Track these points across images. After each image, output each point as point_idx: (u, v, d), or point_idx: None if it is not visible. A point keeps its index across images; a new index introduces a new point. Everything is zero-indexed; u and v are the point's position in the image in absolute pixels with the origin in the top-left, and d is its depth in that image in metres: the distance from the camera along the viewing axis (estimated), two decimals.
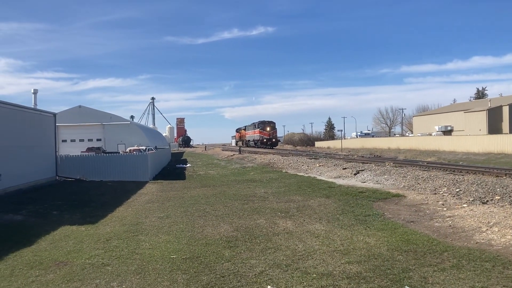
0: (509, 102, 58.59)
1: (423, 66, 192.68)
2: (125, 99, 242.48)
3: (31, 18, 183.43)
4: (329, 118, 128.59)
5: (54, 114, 25.94)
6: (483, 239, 9.07)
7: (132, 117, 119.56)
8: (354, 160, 31.59)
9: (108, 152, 35.42)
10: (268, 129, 61.92)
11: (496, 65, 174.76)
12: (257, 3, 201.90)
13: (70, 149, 43.10)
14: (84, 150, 38.36)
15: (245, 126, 75.88)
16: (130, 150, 37.46)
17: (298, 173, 25.94)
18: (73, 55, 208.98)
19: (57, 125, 28.36)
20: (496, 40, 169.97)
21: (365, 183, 19.59)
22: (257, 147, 61.72)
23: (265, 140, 61.47)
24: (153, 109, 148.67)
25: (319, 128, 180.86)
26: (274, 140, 62.91)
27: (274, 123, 63.77)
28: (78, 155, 27.59)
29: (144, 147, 39.67)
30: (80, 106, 52.47)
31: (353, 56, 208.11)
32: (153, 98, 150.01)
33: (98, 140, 51.74)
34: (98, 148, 41.00)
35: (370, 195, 15.44)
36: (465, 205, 12.73)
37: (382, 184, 18.98)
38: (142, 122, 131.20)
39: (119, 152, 36.98)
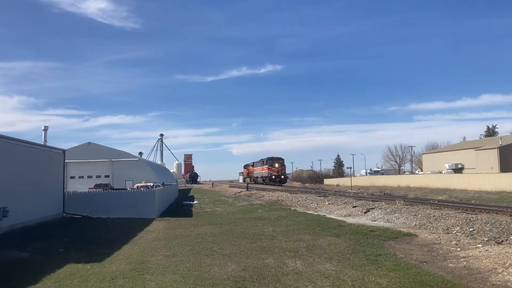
0: None
1: (431, 103, 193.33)
2: (134, 136, 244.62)
3: (45, 57, 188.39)
4: (338, 155, 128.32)
5: (64, 151, 26.15)
6: (499, 281, 8.74)
7: (140, 153, 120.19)
8: (364, 198, 31.20)
9: (116, 189, 35.42)
10: (276, 165, 61.46)
11: (506, 103, 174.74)
12: (265, 42, 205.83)
13: (78, 185, 43.33)
14: (92, 187, 38.46)
15: (253, 163, 75.58)
16: (137, 186, 37.44)
17: (307, 211, 25.59)
18: (85, 93, 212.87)
19: (66, 162, 28.54)
20: (505, 78, 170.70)
21: (375, 222, 19.23)
22: (266, 184, 61.09)
23: (273, 176, 60.90)
24: (162, 145, 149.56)
25: (328, 165, 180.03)
26: (283, 176, 62.28)
27: (283, 159, 63.41)
28: (85, 192, 27.61)
29: (151, 184, 39.69)
30: (89, 143, 53.07)
31: (361, 94, 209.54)
32: (161, 135, 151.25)
33: (106, 176, 51.96)
34: (106, 185, 41.10)
35: (381, 234, 15.11)
36: (479, 245, 12.37)
37: (393, 222, 18.62)
38: (151, 159, 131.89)
39: (126, 189, 37.00)
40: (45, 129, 34.17)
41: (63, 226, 20.41)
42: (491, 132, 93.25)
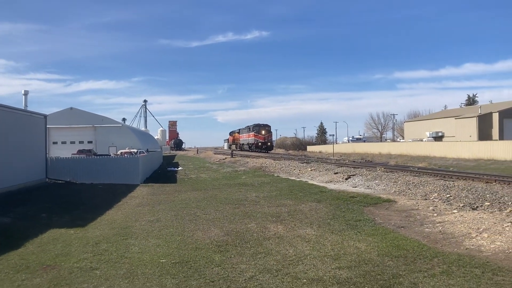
0: (499, 109, 59.20)
1: (415, 72, 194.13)
2: (117, 102, 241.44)
3: (24, 19, 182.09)
4: (321, 123, 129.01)
5: (45, 116, 25.73)
6: (473, 245, 9.10)
7: (124, 119, 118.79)
8: (345, 165, 31.66)
9: (99, 155, 35.16)
10: (263, 132, 60.88)
11: (487, 72, 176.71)
12: (252, 7, 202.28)
13: (61, 151, 42.78)
14: (75, 152, 38.07)
15: (239, 129, 75.02)
16: (121, 152, 37.22)
17: (290, 177, 25.93)
18: (66, 57, 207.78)
19: (48, 127, 28.14)
20: (488, 47, 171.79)
21: (356, 188, 19.63)
22: (251, 151, 61.01)
23: (260, 144, 60.53)
24: (146, 111, 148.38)
25: (311, 132, 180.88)
26: (269, 144, 61.78)
27: (270, 126, 62.87)
28: (68, 157, 27.37)
29: (135, 150, 39.49)
30: (71, 108, 52.18)
31: (346, 61, 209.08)
32: (145, 101, 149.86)
33: (89, 142, 51.46)
34: (89, 151, 40.70)
35: (361, 200, 15.47)
36: (455, 211, 12.78)
37: (373, 189, 19.02)
38: (134, 125, 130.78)
39: (110, 155, 36.74)
40: (26, 93, 33.39)
41: (46, 191, 20.34)
42: (471, 101, 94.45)
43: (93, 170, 25.00)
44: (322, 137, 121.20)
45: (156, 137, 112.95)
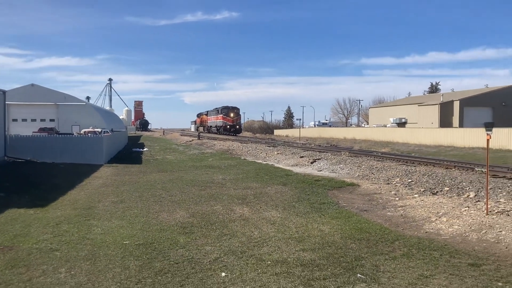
0: (459, 97, 61.05)
1: (382, 59, 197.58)
2: (81, 79, 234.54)
3: None
4: (289, 107, 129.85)
5: (4, 92, 24.60)
6: (432, 229, 9.42)
7: (88, 98, 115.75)
8: (311, 149, 32.02)
9: (62, 133, 34.13)
10: (232, 115, 60.09)
11: (450, 61, 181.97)
12: None
13: (21, 128, 41.28)
14: (36, 131, 36.83)
15: (207, 111, 73.96)
16: (85, 132, 36.25)
17: (257, 161, 26.02)
18: (28, 31, 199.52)
19: (7, 103, 27.01)
20: (451, 37, 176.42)
21: (321, 172, 19.90)
22: (220, 134, 60.44)
23: (228, 126, 59.77)
24: (110, 90, 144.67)
25: (279, 116, 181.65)
26: (238, 127, 61.34)
27: (238, 109, 62.26)
28: (29, 135, 26.38)
29: (99, 130, 38.52)
30: (32, 85, 50.20)
31: (315, 46, 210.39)
32: (110, 79, 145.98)
33: (51, 120, 49.89)
34: (51, 129, 39.46)
35: (325, 184, 15.70)
36: (416, 196, 13.18)
37: (338, 173, 19.34)
38: (99, 104, 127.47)
39: (73, 134, 35.73)
40: None
41: (5, 170, 19.59)
42: (434, 89, 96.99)
43: (55, 149, 24.22)
44: (289, 121, 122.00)
45: (121, 117, 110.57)
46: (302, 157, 25.20)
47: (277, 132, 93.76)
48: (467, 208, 10.73)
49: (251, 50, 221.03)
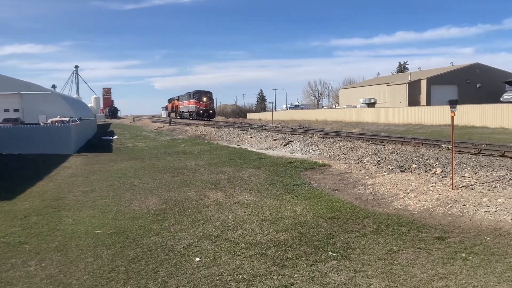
0: (427, 76, 62.29)
1: (351, 40, 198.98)
2: (46, 67, 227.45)
3: None
4: (261, 90, 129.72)
5: None
6: (400, 205, 9.69)
7: (54, 86, 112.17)
8: (284, 131, 32.20)
9: (28, 124, 33.13)
10: (204, 99, 58.47)
11: (418, 41, 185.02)
12: None
13: None
14: (0, 122, 35.65)
15: (179, 96, 72.03)
16: (52, 121, 35.26)
17: (230, 145, 25.99)
18: None
19: None
20: (418, 16, 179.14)
21: (294, 154, 20.08)
22: (192, 119, 59.05)
23: (201, 111, 58.17)
24: (77, 78, 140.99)
25: (252, 100, 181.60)
26: (211, 111, 59.66)
27: (211, 93, 60.25)
28: None
29: (67, 118, 37.57)
30: None
31: (285, 28, 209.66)
32: (76, 67, 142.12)
33: (15, 110, 48.36)
34: (16, 119, 38.30)
35: (298, 165, 15.86)
36: (385, 174, 13.49)
37: (310, 154, 19.55)
38: (66, 92, 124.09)
39: (39, 124, 34.74)
40: None
41: None
42: (402, 69, 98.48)
43: (21, 139, 23.50)
44: (261, 105, 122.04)
45: (89, 105, 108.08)
46: (275, 140, 25.32)
47: (250, 116, 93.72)
48: (434, 184, 11.06)
49: (222, 33, 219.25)
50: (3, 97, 47.70)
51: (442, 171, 12.64)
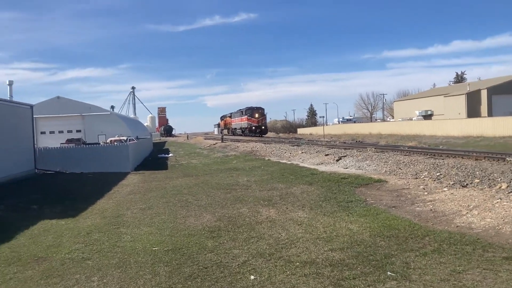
0: (487, 85, 59.54)
1: (404, 51, 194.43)
2: (105, 89, 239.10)
3: (7, 7, 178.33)
4: (311, 105, 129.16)
5: (31, 106, 25.32)
6: (463, 223, 9.19)
7: (112, 107, 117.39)
8: (336, 146, 31.74)
9: (89, 143, 34.85)
10: (256, 115, 58.15)
11: (476, 49, 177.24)
12: None
13: (50, 141, 42.35)
14: (64, 142, 37.71)
15: (231, 113, 72.69)
16: (111, 140, 36.88)
17: (281, 161, 25.94)
18: (51, 45, 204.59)
19: (35, 117, 27.73)
20: (476, 24, 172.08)
21: (347, 169, 19.69)
22: (245, 135, 58.94)
23: (253, 127, 57.74)
24: (134, 98, 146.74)
25: (301, 115, 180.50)
26: (263, 127, 59.10)
27: (263, 109, 59.71)
28: (57, 147, 27.06)
29: (125, 137, 39.16)
30: (58, 97, 51.43)
31: (334, 42, 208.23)
32: (133, 88, 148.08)
33: (78, 131, 50.96)
34: (78, 140, 40.30)
35: (352, 181, 15.52)
36: (445, 189, 12.89)
37: (364, 169, 19.11)
38: (123, 112, 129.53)
39: (99, 143, 36.42)
40: (10, 83, 32.73)
41: (36, 182, 20.15)
42: (459, 79, 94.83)
43: (82, 159, 24.77)
44: (312, 119, 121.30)
45: (145, 124, 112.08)
46: (327, 155, 25.00)
47: (300, 130, 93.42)
48: (499, 200, 10.42)
49: (270, 50, 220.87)
50: (67, 119, 50.51)
51: (508, 186, 11.89)
